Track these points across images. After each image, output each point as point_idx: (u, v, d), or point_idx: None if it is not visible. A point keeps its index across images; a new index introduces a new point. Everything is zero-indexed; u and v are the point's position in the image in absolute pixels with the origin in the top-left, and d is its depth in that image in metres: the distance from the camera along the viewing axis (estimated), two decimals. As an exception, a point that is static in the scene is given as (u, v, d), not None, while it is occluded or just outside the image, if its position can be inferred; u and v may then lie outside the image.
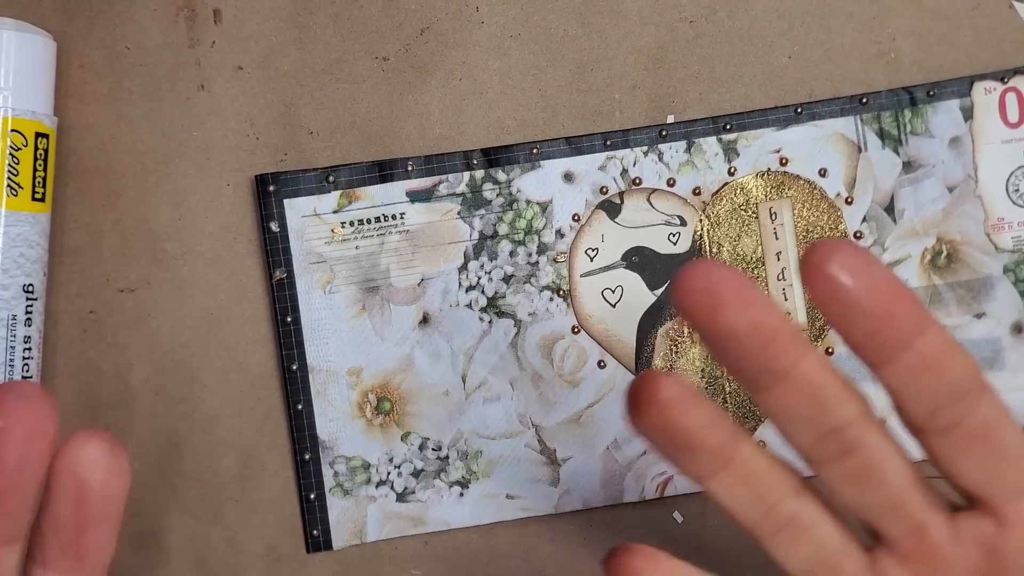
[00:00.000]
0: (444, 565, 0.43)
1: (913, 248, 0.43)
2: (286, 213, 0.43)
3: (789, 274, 0.43)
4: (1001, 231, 0.43)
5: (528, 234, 0.43)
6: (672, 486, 0.43)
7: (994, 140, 0.43)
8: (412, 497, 0.43)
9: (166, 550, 0.43)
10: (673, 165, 0.43)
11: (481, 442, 0.43)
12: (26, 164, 0.40)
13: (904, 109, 0.43)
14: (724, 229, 0.43)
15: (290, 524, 0.43)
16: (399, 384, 0.43)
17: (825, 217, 0.43)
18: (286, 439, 0.43)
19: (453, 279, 0.43)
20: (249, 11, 0.43)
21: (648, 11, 0.43)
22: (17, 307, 0.40)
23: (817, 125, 0.43)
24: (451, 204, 0.43)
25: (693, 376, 0.43)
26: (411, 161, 0.43)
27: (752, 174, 0.43)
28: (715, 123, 0.43)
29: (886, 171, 0.43)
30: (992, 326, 0.43)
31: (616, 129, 0.43)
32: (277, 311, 0.43)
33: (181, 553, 0.43)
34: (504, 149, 0.43)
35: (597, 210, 0.43)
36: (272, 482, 0.43)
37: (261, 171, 0.43)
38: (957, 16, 0.43)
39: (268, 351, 0.43)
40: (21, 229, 0.40)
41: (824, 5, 0.43)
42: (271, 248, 0.43)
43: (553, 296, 0.43)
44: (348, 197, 0.43)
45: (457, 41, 0.43)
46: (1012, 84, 0.43)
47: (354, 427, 0.43)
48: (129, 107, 0.43)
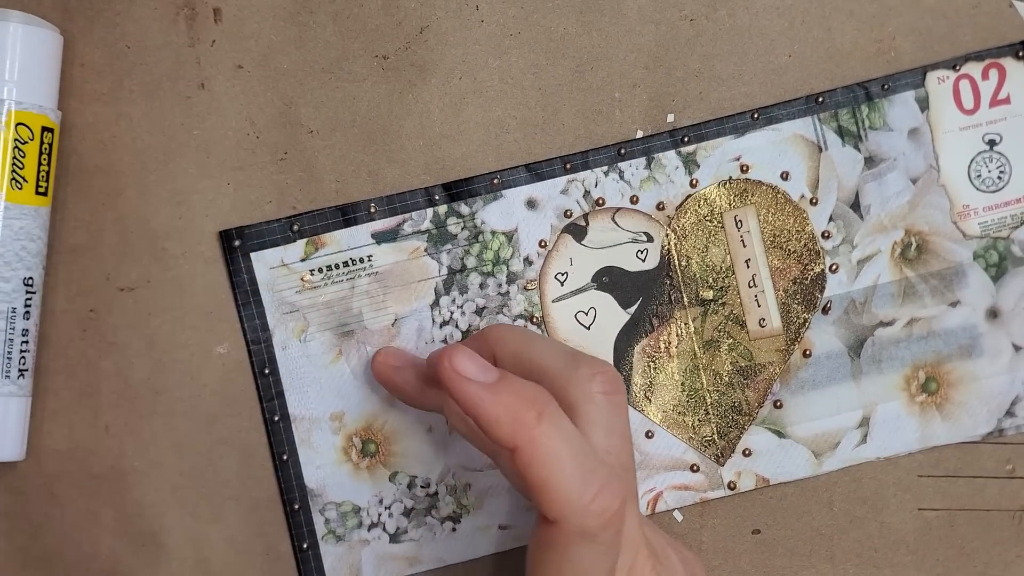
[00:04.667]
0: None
1: (882, 243, 0.43)
2: (254, 266, 0.43)
3: (760, 280, 0.43)
4: (967, 218, 0.43)
5: (496, 265, 0.43)
6: (663, 501, 0.43)
7: (952, 128, 0.43)
8: (405, 537, 0.43)
9: (166, 550, 0.43)
10: (635, 182, 0.43)
11: (469, 475, 0.43)
12: (31, 158, 0.40)
13: (860, 105, 0.43)
14: (691, 241, 0.43)
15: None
16: (382, 425, 0.43)
17: (791, 220, 0.43)
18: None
19: (426, 316, 0.43)
20: (249, 10, 0.43)
21: (648, 9, 0.43)
22: (17, 300, 0.40)
23: (775, 129, 0.43)
24: (417, 242, 0.43)
25: (673, 390, 0.43)
26: (373, 203, 0.43)
27: (714, 184, 0.43)
28: (672, 136, 0.43)
29: (848, 168, 0.43)
30: (967, 313, 0.43)
31: (576, 152, 0.43)
32: (254, 364, 0.43)
33: (181, 553, 0.43)
34: (465, 182, 0.43)
35: (563, 234, 0.43)
36: (272, 482, 0.43)
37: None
38: (957, 15, 0.43)
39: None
40: (24, 223, 0.40)
41: (824, 4, 0.43)
42: (243, 303, 0.43)
43: (527, 324, 0.43)
44: (314, 244, 0.43)
45: (457, 40, 0.43)
46: (964, 71, 0.43)
47: (341, 472, 0.43)
48: (129, 106, 0.43)
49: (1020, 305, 0.43)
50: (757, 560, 0.44)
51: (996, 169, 0.43)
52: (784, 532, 0.44)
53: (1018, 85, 0.43)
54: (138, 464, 0.43)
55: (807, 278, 0.43)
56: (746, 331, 0.43)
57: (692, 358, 0.43)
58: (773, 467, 0.43)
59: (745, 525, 0.44)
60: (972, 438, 0.44)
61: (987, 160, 0.43)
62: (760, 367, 0.43)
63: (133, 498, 0.43)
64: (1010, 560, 0.44)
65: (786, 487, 0.44)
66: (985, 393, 0.43)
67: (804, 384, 0.43)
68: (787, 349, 0.43)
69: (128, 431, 0.43)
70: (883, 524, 0.44)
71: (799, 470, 0.43)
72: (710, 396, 0.43)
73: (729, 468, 0.43)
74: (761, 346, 0.43)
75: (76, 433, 0.43)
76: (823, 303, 0.43)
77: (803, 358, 0.43)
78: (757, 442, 0.43)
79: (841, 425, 0.43)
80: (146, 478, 0.43)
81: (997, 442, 0.44)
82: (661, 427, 0.43)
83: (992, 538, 0.44)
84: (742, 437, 0.43)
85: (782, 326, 0.43)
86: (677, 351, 0.43)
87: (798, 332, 0.43)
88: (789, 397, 0.43)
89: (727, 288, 0.43)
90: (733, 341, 0.43)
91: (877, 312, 0.43)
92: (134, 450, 0.43)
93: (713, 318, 0.43)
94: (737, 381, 0.43)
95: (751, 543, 0.44)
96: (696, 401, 0.43)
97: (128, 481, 0.43)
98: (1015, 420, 0.44)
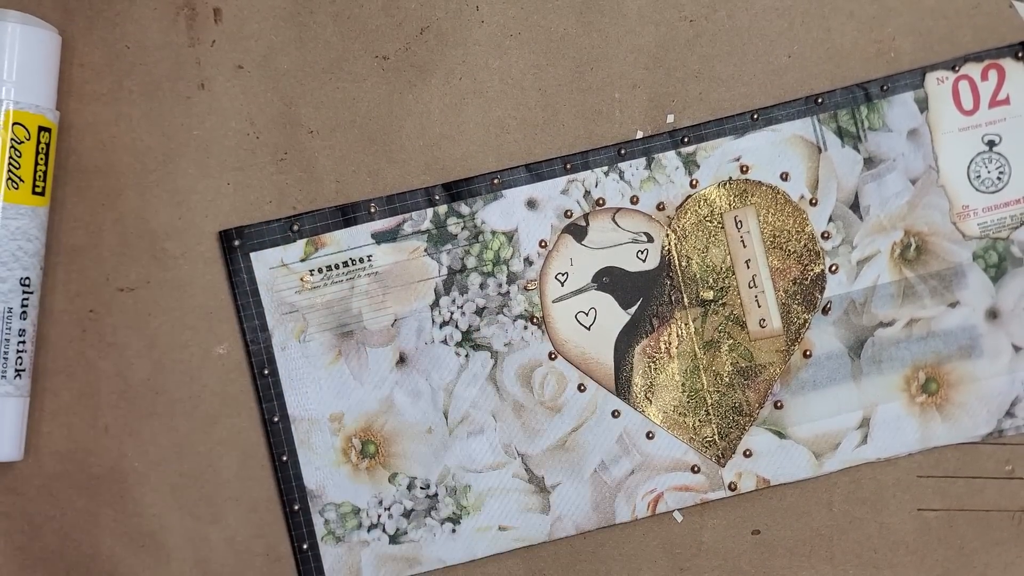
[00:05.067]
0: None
1: (882, 243, 0.43)
2: (253, 266, 0.43)
3: (760, 280, 0.43)
4: (967, 219, 0.43)
5: (496, 265, 0.43)
6: (663, 503, 0.43)
7: (951, 129, 0.43)
8: (405, 538, 0.43)
9: (166, 550, 0.43)
10: (635, 183, 0.43)
11: (468, 476, 0.43)
12: (28, 158, 0.40)
13: (860, 105, 0.43)
14: (691, 242, 0.43)
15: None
16: (382, 426, 0.43)
17: (791, 221, 0.43)
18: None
19: (426, 316, 0.43)
20: (249, 10, 0.43)
21: (648, 10, 0.43)
22: (13, 300, 0.40)
23: (775, 129, 0.43)
24: (417, 242, 0.43)
25: (674, 390, 0.43)
26: (373, 203, 0.43)
27: (714, 184, 0.43)
28: (672, 137, 0.43)
29: (848, 169, 0.43)
30: (967, 314, 0.43)
31: (576, 152, 0.43)
32: (253, 364, 0.43)
33: (181, 553, 0.43)
34: (465, 182, 0.43)
35: (563, 234, 0.43)
36: (271, 483, 0.43)
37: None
38: (957, 15, 0.43)
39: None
40: (20, 223, 0.40)
41: (824, 4, 0.43)
42: (242, 303, 0.42)
43: (527, 324, 0.43)
44: (314, 244, 0.43)
45: (457, 40, 0.43)
46: (964, 72, 0.43)
47: (341, 473, 0.43)
48: (129, 106, 0.43)
49: (1020, 306, 0.43)
50: (757, 560, 0.44)
51: (995, 170, 0.43)
52: (784, 532, 0.44)
53: (1017, 86, 0.43)
54: (138, 465, 0.43)
55: (807, 278, 0.43)
56: (746, 332, 0.43)
57: (692, 359, 0.43)
58: (774, 468, 0.43)
59: (745, 525, 0.44)
60: (972, 438, 0.44)
61: (986, 161, 0.43)
62: (760, 368, 0.43)
63: (133, 498, 0.43)
64: (1010, 561, 0.44)
65: (786, 488, 0.44)
66: (985, 394, 0.43)
67: (804, 385, 0.43)
68: (787, 350, 0.43)
69: (128, 432, 0.43)
70: (883, 525, 0.44)
71: (800, 471, 0.43)
72: (711, 397, 0.43)
73: (730, 469, 0.43)
74: (761, 347, 0.43)
75: (76, 433, 0.43)
76: (823, 303, 0.43)
77: (803, 359, 0.43)
78: (758, 443, 0.43)
79: (841, 426, 0.43)
80: (146, 478, 0.43)
81: (997, 443, 0.44)
82: (662, 428, 0.43)
83: (991, 538, 0.44)
84: (743, 438, 0.43)
85: (782, 326, 0.43)
86: (677, 352, 0.43)
87: (798, 332, 0.43)
88: (789, 398, 0.43)
89: (727, 288, 0.43)
90: (733, 342, 0.43)
91: (877, 313, 0.43)
92: (134, 450, 0.43)
93: (713, 318, 0.43)
94: (738, 382, 0.43)
95: (751, 543, 0.44)
96: (697, 402, 0.43)
97: (128, 481, 0.43)
98: (1015, 420, 0.44)
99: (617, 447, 0.43)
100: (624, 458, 0.43)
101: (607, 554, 0.43)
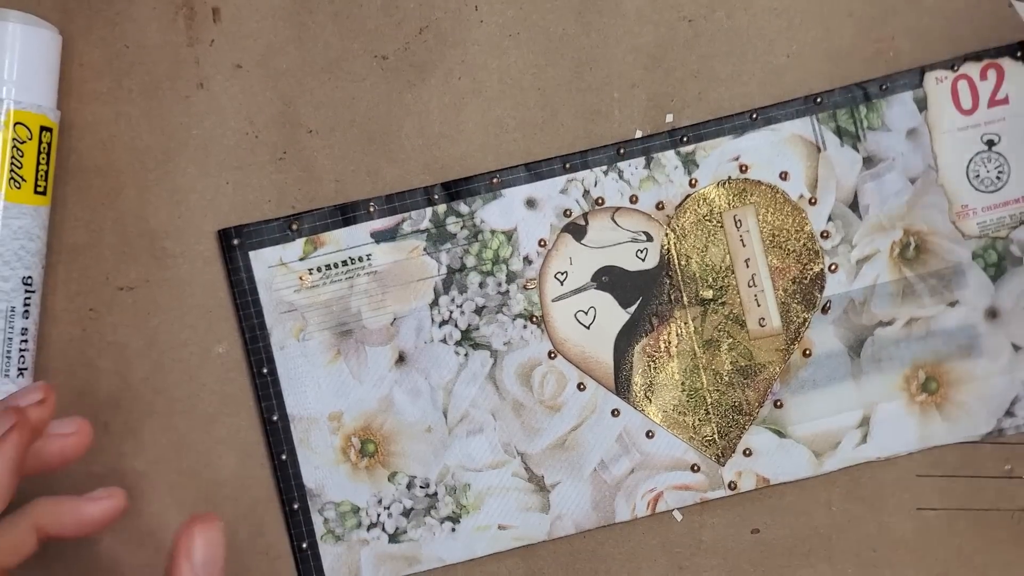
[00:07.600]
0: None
1: (881, 243, 0.43)
2: (252, 265, 0.43)
3: (760, 280, 0.43)
4: (966, 218, 0.44)
5: (496, 264, 0.43)
6: (663, 501, 0.43)
7: (950, 128, 0.43)
8: (404, 537, 0.43)
9: (166, 550, 0.43)
10: (634, 182, 0.43)
11: (468, 475, 0.43)
12: (30, 157, 0.40)
13: (859, 105, 0.43)
14: (691, 241, 0.43)
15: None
16: (381, 425, 0.43)
17: (790, 220, 0.43)
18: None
19: (425, 315, 0.43)
20: (248, 9, 0.43)
21: (647, 10, 0.43)
22: (16, 299, 0.40)
23: (774, 129, 0.43)
24: (416, 241, 0.43)
25: (673, 389, 0.43)
26: (372, 202, 0.43)
27: (713, 184, 0.43)
28: (671, 136, 0.43)
29: (847, 168, 0.43)
30: (966, 313, 0.44)
31: (575, 151, 0.43)
32: (252, 363, 0.43)
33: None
34: (464, 181, 0.43)
35: (563, 233, 0.43)
36: (270, 482, 0.43)
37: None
38: (957, 15, 0.43)
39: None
40: (23, 222, 0.40)
41: (823, 4, 0.43)
42: (241, 301, 0.42)
43: (527, 323, 0.43)
44: (313, 243, 0.43)
45: (456, 40, 0.43)
46: (963, 71, 0.43)
47: (340, 472, 0.43)
48: (128, 105, 0.43)
49: (1019, 305, 0.43)
50: (756, 560, 0.44)
51: (995, 169, 0.43)
52: (783, 532, 0.44)
53: (1016, 85, 0.43)
54: (138, 464, 0.43)
55: (806, 278, 0.43)
56: (746, 331, 0.43)
57: (692, 358, 0.43)
58: (774, 467, 0.43)
59: (744, 525, 0.44)
60: (972, 438, 0.44)
61: (985, 160, 0.43)
62: (760, 367, 0.43)
63: (133, 498, 0.43)
64: (1010, 561, 0.44)
65: (785, 487, 0.44)
66: (985, 393, 0.43)
67: (804, 384, 0.43)
68: (787, 349, 0.43)
69: (127, 430, 0.43)
70: (882, 524, 0.44)
71: (800, 470, 0.43)
72: (710, 396, 0.43)
73: (730, 468, 0.43)
74: (761, 346, 0.43)
75: (74, 432, 0.42)
76: (823, 303, 0.43)
77: (803, 358, 0.43)
78: (757, 442, 0.43)
79: (841, 425, 0.43)
80: (145, 478, 0.43)
81: (996, 442, 0.44)
82: (662, 427, 0.43)
83: (991, 538, 0.44)
84: (743, 437, 0.43)
85: (782, 326, 0.43)
86: (677, 351, 0.43)
87: (798, 332, 0.43)
88: (789, 397, 0.43)
89: (727, 288, 0.43)
90: (733, 341, 0.43)
91: (876, 312, 0.43)
92: (133, 449, 0.43)
93: (713, 318, 0.43)
94: (737, 381, 0.43)
95: (750, 543, 0.44)
96: (696, 401, 0.43)
97: (127, 481, 0.43)
98: (1014, 420, 0.44)
99: (617, 446, 0.43)
100: (624, 457, 0.43)
101: (607, 553, 0.43)
